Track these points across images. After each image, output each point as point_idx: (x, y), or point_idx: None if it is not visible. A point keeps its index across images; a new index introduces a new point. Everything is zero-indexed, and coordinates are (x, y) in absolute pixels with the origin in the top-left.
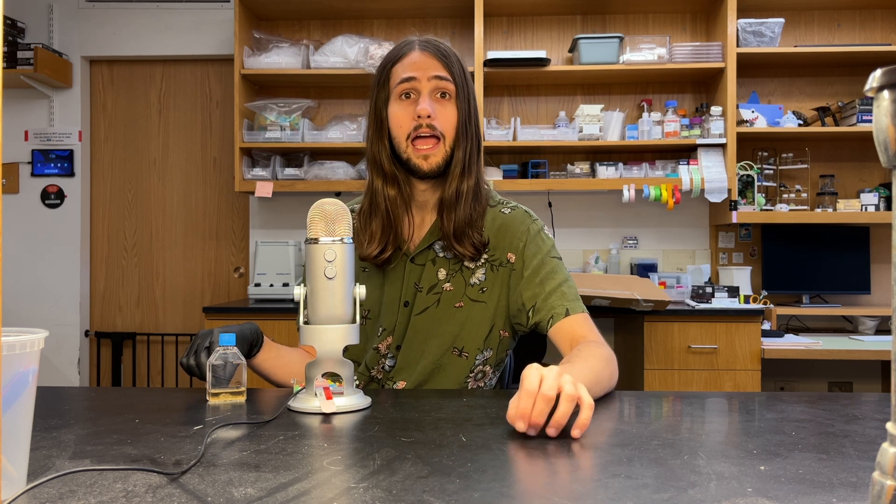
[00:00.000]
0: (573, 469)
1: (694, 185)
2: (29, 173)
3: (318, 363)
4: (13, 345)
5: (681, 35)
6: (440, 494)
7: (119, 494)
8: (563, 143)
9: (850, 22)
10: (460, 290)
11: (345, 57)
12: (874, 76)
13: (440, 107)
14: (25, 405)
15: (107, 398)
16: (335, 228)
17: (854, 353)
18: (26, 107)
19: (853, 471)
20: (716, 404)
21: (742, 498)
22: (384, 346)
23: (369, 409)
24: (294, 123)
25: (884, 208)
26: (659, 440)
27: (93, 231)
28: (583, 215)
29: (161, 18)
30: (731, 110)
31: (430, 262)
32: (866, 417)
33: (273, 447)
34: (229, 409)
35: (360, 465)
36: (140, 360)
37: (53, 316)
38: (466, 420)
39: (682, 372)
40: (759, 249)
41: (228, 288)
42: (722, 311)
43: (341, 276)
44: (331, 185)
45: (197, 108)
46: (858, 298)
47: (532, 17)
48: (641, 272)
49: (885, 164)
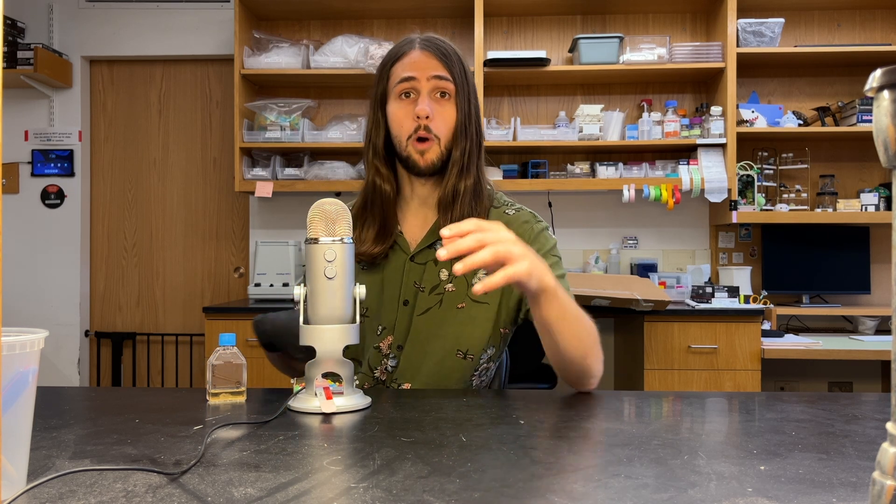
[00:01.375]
0: (573, 469)
1: (694, 185)
2: (29, 173)
3: (318, 363)
4: (13, 345)
5: (681, 35)
6: (440, 494)
7: (119, 494)
8: (563, 143)
9: (850, 22)
10: (462, 291)
11: (345, 57)
12: (874, 76)
13: (439, 107)
14: (25, 405)
15: (107, 398)
16: (335, 228)
17: (854, 353)
18: (26, 107)
19: (853, 471)
20: (716, 404)
21: (742, 498)
22: (385, 345)
23: (369, 409)
24: (294, 123)
25: (884, 208)
26: (659, 440)
27: (93, 231)
28: (583, 215)
29: (161, 18)
30: (731, 110)
31: (431, 262)
32: (866, 417)
33: (273, 447)
34: (229, 409)
35: (360, 465)
36: (140, 360)
37: (53, 316)
38: (466, 420)
39: (682, 372)
40: (759, 249)
41: (228, 288)
42: (722, 311)
43: (341, 276)
44: (331, 185)
45: (197, 108)
46: (858, 298)
47: (532, 17)
48: (641, 272)
49: (885, 164)
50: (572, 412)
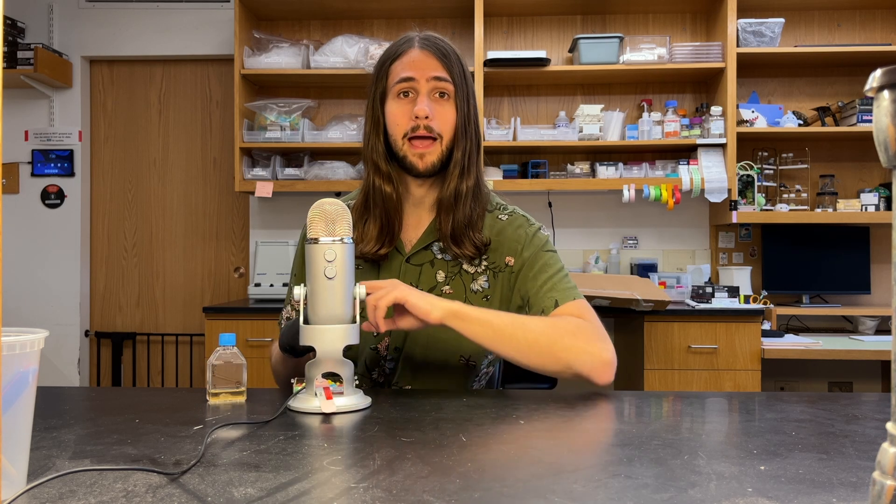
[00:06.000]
0: (573, 469)
1: (694, 185)
2: (29, 173)
3: (318, 363)
4: (13, 345)
5: (681, 35)
6: (440, 494)
7: (119, 494)
8: (563, 143)
9: (850, 22)
10: (460, 294)
11: (345, 57)
12: (874, 76)
13: (438, 107)
14: (25, 405)
15: (107, 398)
16: (335, 228)
17: (854, 353)
18: (26, 107)
19: (853, 471)
20: (716, 404)
21: (742, 498)
22: (382, 346)
23: (369, 409)
24: (294, 123)
25: (884, 208)
26: (659, 440)
27: (93, 231)
28: (583, 215)
29: (161, 18)
30: (731, 110)
31: (427, 264)
32: (866, 417)
33: (273, 447)
34: (229, 409)
35: (360, 465)
36: (140, 360)
37: (53, 316)
38: (466, 420)
39: (682, 372)
40: (759, 249)
41: (228, 288)
42: (722, 311)
43: (341, 276)
44: (331, 185)
45: (197, 108)
46: (858, 298)
47: (532, 17)
48: (641, 272)
49: (885, 164)
50: (572, 412)
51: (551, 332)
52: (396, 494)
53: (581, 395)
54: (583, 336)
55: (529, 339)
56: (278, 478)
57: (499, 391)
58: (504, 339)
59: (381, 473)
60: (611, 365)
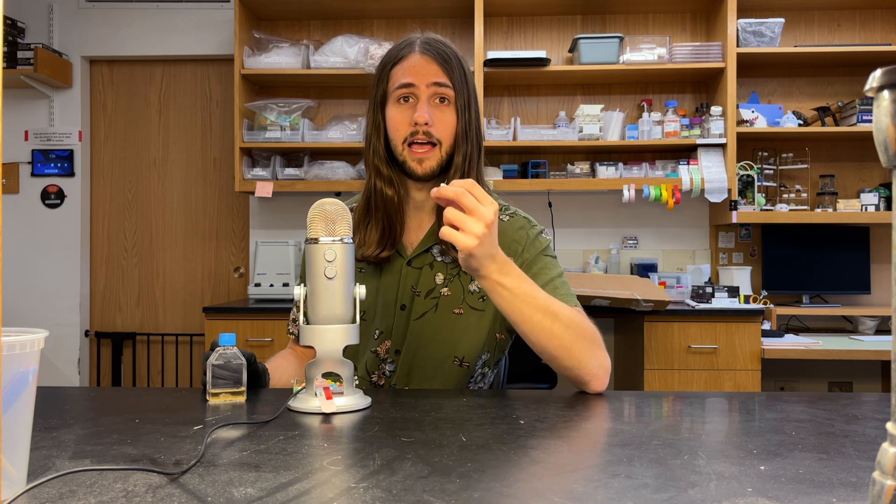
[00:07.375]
0: (573, 469)
1: (694, 185)
2: (29, 173)
3: (318, 363)
4: (13, 345)
5: (681, 35)
6: (440, 494)
7: (119, 494)
8: (563, 143)
9: (850, 22)
10: (459, 296)
11: (345, 57)
12: (874, 76)
13: (438, 112)
14: (25, 405)
15: (107, 398)
16: (335, 228)
17: (854, 353)
18: (26, 107)
19: (853, 471)
20: (716, 404)
21: (742, 498)
22: (383, 349)
23: (369, 409)
24: (294, 123)
25: (884, 208)
26: (659, 440)
27: (93, 231)
28: (583, 215)
29: (161, 18)
30: (731, 110)
31: (427, 266)
32: (866, 417)
33: (273, 447)
34: (229, 409)
35: (360, 465)
36: (140, 360)
37: (53, 316)
38: (466, 420)
39: (682, 372)
40: (759, 249)
41: (228, 288)
42: (722, 311)
43: (341, 276)
44: (331, 185)
45: (197, 108)
46: (858, 298)
47: (532, 17)
48: (641, 272)
49: (885, 164)
50: (572, 412)
51: (579, 332)
52: (396, 494)
53: (581, 395)
54: (597, 342)
55: (556, 333)
56: (278, 478)
57: (499, 391)
58: (531, 323)
59: (381, 473)
60: (608, 374)
